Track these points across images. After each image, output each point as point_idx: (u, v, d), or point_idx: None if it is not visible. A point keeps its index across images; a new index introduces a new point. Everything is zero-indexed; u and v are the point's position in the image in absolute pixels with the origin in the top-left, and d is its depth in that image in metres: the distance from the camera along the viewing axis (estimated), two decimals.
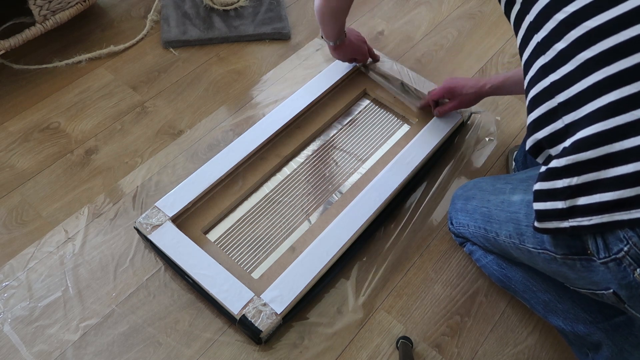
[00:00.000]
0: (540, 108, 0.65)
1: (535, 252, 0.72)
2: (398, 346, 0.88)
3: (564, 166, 0.60)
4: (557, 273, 0.72)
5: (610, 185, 0.57)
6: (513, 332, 0.92)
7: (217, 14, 1.37)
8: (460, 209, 0.92)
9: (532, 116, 0.66)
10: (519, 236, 0.75)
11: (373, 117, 1.17)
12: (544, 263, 0.72)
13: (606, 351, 0.76)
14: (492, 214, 0.82)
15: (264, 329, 0.83)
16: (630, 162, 0.56)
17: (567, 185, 0.60)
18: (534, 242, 0.72)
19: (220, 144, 1.13)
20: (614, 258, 0.59)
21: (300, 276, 0.89)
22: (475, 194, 0.89)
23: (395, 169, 1.03)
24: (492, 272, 0.92)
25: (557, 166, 0.61)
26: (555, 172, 0.61)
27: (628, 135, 0.56)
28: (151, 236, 0.92)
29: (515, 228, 0.76)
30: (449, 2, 1.49)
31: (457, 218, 0.93)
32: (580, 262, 0.64)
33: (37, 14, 1.16)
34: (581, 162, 0.59)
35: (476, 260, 0.96)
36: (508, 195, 0.80)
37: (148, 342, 0.87)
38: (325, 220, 0.98)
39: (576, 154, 0.59)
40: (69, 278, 0.93)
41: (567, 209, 0.60)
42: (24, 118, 1.16)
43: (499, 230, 0.80)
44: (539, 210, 0.64)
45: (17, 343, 0.86)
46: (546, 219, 0.63)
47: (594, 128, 0.58)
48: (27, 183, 1.06)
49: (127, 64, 1.27)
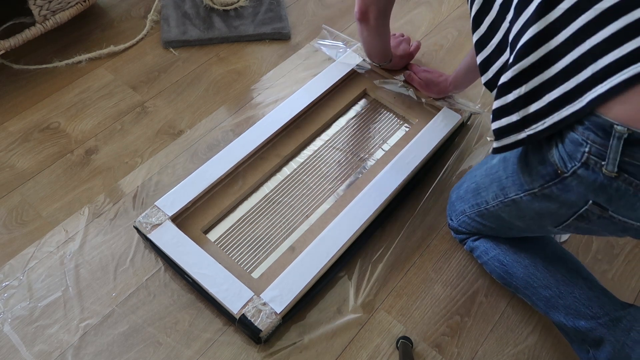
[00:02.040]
0: (494, 39, 0.68)
1: (518, 198, 0.75)
2: (398, 346, 0.88)
3: (510, 79, 0.63)
4: (542, 213, 0.73)
5: (554, 82, 0.60)
6: (513, 332, 0.92)
7: (217, 14, 1.37)
8: (455, 200, 0.95)
9: (486, 51, 0.70)
10: (503, 191, 0.78)
11: (373, 117, 1.18)
12: (528, 206, 0.74)
13: (608, 347, 0.76)
14: (479, 186, 0.86)
15: (264, 329, 0.83)
16: (567, 54, 0.59)
17: (517, 96, 0.63)
18: (515, 190, 0.75)
19: (220, 144, 1.13)
20: (581, 164, 0.61)
21: (299, 276, 0.89)
22: (466, 179, 0.93)
23: (395, 169, 1.03)
24: (493, 269, 0.92)
25: (505, 81, 0.64)
26: (503, 87, 0.64)
27: (560, 29, 0.59)
28: (151, 235, 0.92)
29: (498, 186, 0.79)
30: (449, 2, 1.49)
31: (454, 210, 0.95)
32: (556, 186, 0.66)
33: (37, 14, 1.16)
34: (525, 70, 0.62)
35: (477, 257, 0.96)
36: (489, 161, 0.85)
37: (148, 342, 0.87)
38: (325, 220, 0.98)
39: (518, 63, 0.62)
40: (69, 278, 0.93)
41: (520, 119, 0.63)
42: (24, 118, 1.16)
43: (486, 196, 0.83)
44: (496, 129, 0.67)
45: (17, 343, 0.86)
46: (504, 135, 0.66)
47: (530, 32, 0.61)
48: (27, 183, 1.06)
49: (127, 64, 1.28)
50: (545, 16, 0.60)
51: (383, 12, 0.98)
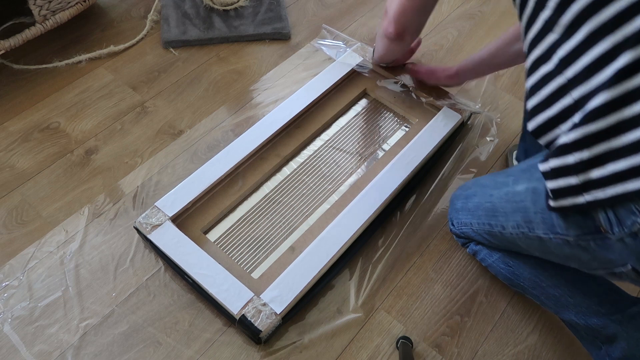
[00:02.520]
0: (546, 88, 0.63)
1: (547, 237, 0.71)
2: (398, 346, 0.88)
3: (573, 141, 0.59)
4: (570, 257, 0.71)
5: (622, 153, 0.56)
6: (513, 332, 0.92)
7: (217, 14, 1.37)
8: (460, 209, 0.92)
9: (538, 97, 0.65)
10: (528, 224, 0.74)
11: (373, 117, 1.18)
12: (556, 248, 0.71)
13: (622, 343, 0.75)
14: (496, 208, 0.82)
15: (264, 329, 0.83)
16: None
17: (579, 160, 0.59)
18: (544, 228, 0.71)
19: (220, 144, 1.13)
20: (630, 232, 0.58)
21: (299, 276, 0.89)
22: (475, 192, 0.89)
23: (395, 169, 1.03)
24: (498, 271, 0.91)
25: (567, 142, 0.60)
26: (565, 148, 0.60)
27: (638, 99, 0.55)
28: (151, 236, 0.92)
29: (523, 217, 0.75)
30: (449, 2, 1.49)
31: (457, 218, 0.93)
32: (594, 241, 0.63)
33: (37, 14, 1.16)
34: (591, 134, 0.58)
35: (481, 260, 0.95)
36: (512, 186, 0.79)
37: (148, 342, 0.87)
38: (325, 220, 0.98)
39: (586, 126, 0.58)
40: (69, 278, 0.93)
41: (581, 184, 0.60)
42: (24, 118, 1.16)
43: (505, 222, 0.80)
44: (553, 189, 0.63)
45: (17, 343, 0.86)
46: (561, 197, 0.62)
47: (603, 97, 0.56)
48: (27, 183, 1.06)
49: (127, 64, 1.28)
50: (624, 83, 0.55)
51: (419, 29, 0.95)
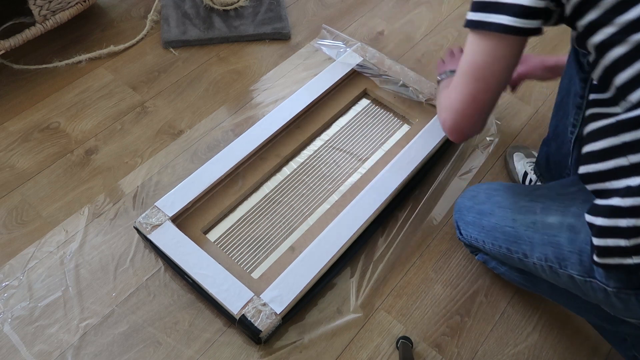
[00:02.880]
0: (603, 141, 0.62)
1: (580, 279, 0.68)
2: (398, 346, 0.88)
3: (629, 207, 0.58)
4: (602, 302, 0.68)
5: None
6: (513, 332, 0.92)
7: (217, 14, 1.37)
8: (472, 223, 0.86)
9: (593, 146, 0.64)
10: (560, 261, 0.70)
11: (373, 117, 1.18)
12: (589, 291, 0.68)
13: None
14: (520, 235, 0.76)
15: (264, 329, 0.83)
16: None
17: (633, 226, 0.58)
18: (579, 270, 0.68)
19: (220, 144, 1.13)
20: None
21: (299, 276, 0.89)
22: (492, 210, 0.83)
23: (395, 169, 1.03)
24: (512, 279, 0.89)
25: (622, 205, 0.59)
26: (618, 211, 0.59)
27: None
28: (151, 236, 0.92)
29: (554, 252, 0.71)
30: (449, 2, 1.49)
31: (467, 231, 0.88)
32: (637, 297, 0.61)
33: (37, 14, 1.16)
34: None
35: (493, 268, 0.93)
36: (540, 216, 0.74)
37: (148, 342, 0.87)
38: (325, 220, 0.98)
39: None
40: (69, 278, 0.93)
41: (631, 247, 0.59)
42: (24, 118, 1.16)
43: (530, 252, 0.75)
44: (600, 246, 0.61)
45: (17, 343, 0.86)
46: (607, 255, 0.61)
47: None
48: (27, 183, 1.06)
49: (127, 64, 1.28)
50: None
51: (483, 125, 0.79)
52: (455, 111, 0.73)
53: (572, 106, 0.82)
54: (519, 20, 0.64)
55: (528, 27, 0.65)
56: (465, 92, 0.71)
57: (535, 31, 0.66)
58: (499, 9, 0.65)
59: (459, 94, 0.72)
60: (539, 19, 0.65)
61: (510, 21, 0.64)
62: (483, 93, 0.70)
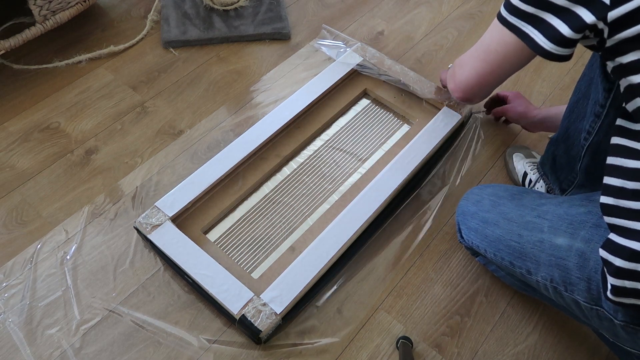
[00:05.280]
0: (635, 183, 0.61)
1: (586, 305, 0.67)
2: (398, 346, 0.88)
3: None
4: (606, 330, 0.67)
5: None
6: (513, 332, 0.92)
7: (217, 14, 1.37)
8: (475, 230, 0.85)
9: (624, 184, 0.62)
10: (567, 285, 0.69)
11: (373, 117, 1.17)
12: (594, 319, 0.67)
13: None
14: (526, 252, 0.75)
15: (264, 329, 0.83)
16: None
17: None
18: (586, 297, 0.66)
19: (220, 144, 1.13)
20: None
21: (299, 276, 0.89)
22: (497, 220, 0.80)
23: (395, 169, 1.03)
24: (512, 283, 0.88)
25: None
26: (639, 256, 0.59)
27: None
28: (151, 236, 0.92)
29: (561, 276, 0.70)
30: (449, 2, 1.49)
31: (469, 236, 0.87)
32: None
33: (37, 14, 1.16)
34: None
35: (494, 271, 0.92)
36: (548, 234, 0.72)
37: (148, 342, 0.87)
38: (325, 220, 0.98)
39: None
40: (69, 278, 0.93)
41: None
42: (24, 118, 1.16)
43: (534, 270, 0.74)
44: (617, 286, 0.61)
45: (17, 343, 0.86)
46: (623, 295, 0.60)
47: None
48: (27, 183, 1.06)
49: (127, 64, 1.28)
50: None
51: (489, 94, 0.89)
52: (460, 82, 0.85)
53: (589, 113, 0.79)
54: (553, 46, 0.62)
55: (559, 54, 0.63)
56: (472, 68, 0.81)
57: (564, 58, 0.64)
58: (538, 24, 0.63)
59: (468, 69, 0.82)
60: (573, 47, 0.62)
61: (545, 44, 0.63)
62: (488, 74, 0.79)
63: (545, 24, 0.62)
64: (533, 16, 0.64)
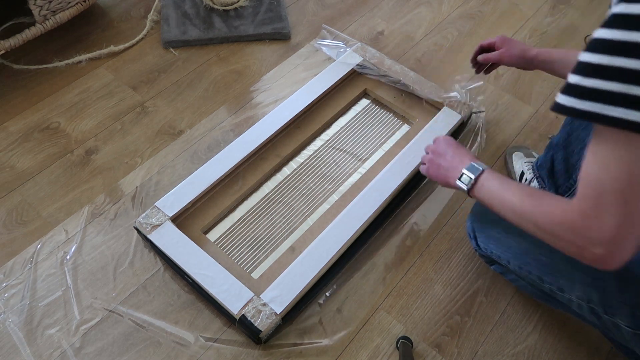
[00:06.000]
0: None
1: (628, 330, 0.63)
2: (398, 346, 0.88)
3: None
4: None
5: None
6: (513, 332, 0.92)
7: (217, 14, 1.37)
8: (496, 239, 0.79)
9: None
10: (607, 308, 0.65)
11: (373, 117, 1.17)
12: (635, 342, 0.64)
13: None
14: (558, 268, 0.70)
15: (264, 329, 0.83)
16: None
17: None
18: (631, 322, 0.62)
19: (220, 144, 1.13)
20: None
21: (299, 276, 0.89)
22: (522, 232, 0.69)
23: (395, 169, 1.03)
24: (534, 292, 0.85)
25: None
26: None
27: None
28: (151, 236, 0.92)
29: (601, 298, 0.65)
30: (449, 2, 1.49)
31: (488, 246, 0.82)
32: None
33: (37, 14, 1.16)
34: None
35: (511, 280, 0.89)
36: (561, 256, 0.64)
37: (148, 342, 0.87)
38: (325, 220, 0.98)
39: None
40: (69, 278, 0.93)
41: None
42: (24, 118, 1.16)
43: (568, 288, 0.68)
44: None
45: (17, 343, 0.86)
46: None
47: None
48: (27, 183, 1.06)
49: (127, 64, 1.28)
50: None
51: None
52: (608, 241, 0.53)
53: None
54: None
55: None
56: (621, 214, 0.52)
57: None
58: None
59: (612, 217, 0.52)
60: None
61: None
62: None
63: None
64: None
